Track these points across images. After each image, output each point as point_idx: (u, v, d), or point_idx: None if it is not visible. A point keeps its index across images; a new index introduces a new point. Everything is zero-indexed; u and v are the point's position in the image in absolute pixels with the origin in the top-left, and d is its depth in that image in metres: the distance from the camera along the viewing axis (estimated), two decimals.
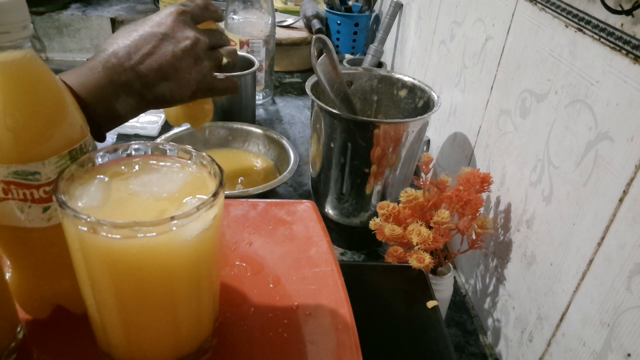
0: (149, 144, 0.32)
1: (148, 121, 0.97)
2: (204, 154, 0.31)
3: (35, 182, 0.29)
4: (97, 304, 0.29)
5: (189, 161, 0.32)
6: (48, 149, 0.29)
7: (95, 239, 0.26)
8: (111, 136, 0.95)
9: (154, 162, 0.32)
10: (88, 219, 0.25)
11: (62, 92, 0.30)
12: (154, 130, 0.94)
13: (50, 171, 0.29)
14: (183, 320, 0.31)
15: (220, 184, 0.29)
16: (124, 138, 0.94)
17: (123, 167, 0.31)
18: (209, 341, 0.34)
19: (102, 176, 0.30)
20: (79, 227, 0.26)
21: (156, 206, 0.29)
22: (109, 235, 0.25)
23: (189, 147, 0.32)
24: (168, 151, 0.32)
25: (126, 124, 0.93)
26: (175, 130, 0.81)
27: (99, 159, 0.31)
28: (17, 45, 0.27)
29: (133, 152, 0.32)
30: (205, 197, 0.28)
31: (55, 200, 0.26)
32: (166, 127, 0.97)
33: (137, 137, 0.94)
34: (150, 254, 0.27)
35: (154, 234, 0.26)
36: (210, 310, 0.33)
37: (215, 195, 0.28)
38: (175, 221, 0.26)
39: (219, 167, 0.30)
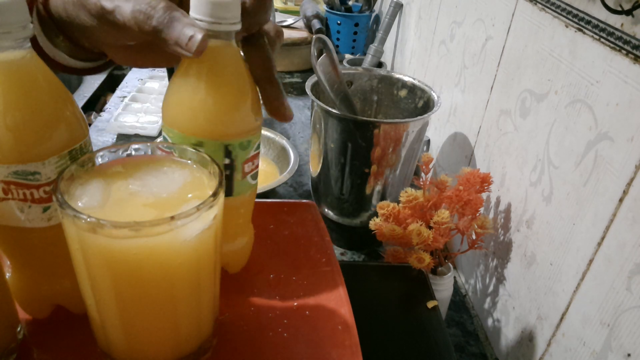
0: (149, 144, 0.32)
1: (148, 121, 0.97)
2: (204, 154, 0.31)
3: (35, 182, 0.29)
4: (97, 304, 0.29)
5: (189, 161, 0.32)
6: (48, 149, 0.29)
7: (95, 239, 0.26)
8: (111, 136, 0.95)
9: (154, 162, 0.32)
10: (88, 219, 0.25)
11: (62, 92, 0.30)
12: (154, 130, 0.94)
13: (50, 171, 0.29)
14: (183, 320, 0.31)
15: (220, 184, 0.29)
16: (124, 138, 0.94)
17: (123, 167, 0.31)
18: (209, 341, 0.34)
19: (102, 176, 0.30)
20: (79, 227, 0.26)
21: (156, 206, 0.29)
22: (109, 235, 0.25)
23: (189, 147, 0.32)
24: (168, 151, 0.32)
25: (126, 123, 0.94)
26: None
27: (99, 159, 0.31)
28: (17, 45, 0.27)
29: (133, 152, 0.32)
30: (205, 197, 0.28)
31: (55, 200, 0.26)
32: None
33: (137, 137, 0.94)
34: (150, 254, 0.27)
35: (154, 234, 0.26)
36: (210, 310, 0.33)
37: (215, 195, 0.28)
38: (175, 221, 0.26)
39: (219, 167, 0.30)
